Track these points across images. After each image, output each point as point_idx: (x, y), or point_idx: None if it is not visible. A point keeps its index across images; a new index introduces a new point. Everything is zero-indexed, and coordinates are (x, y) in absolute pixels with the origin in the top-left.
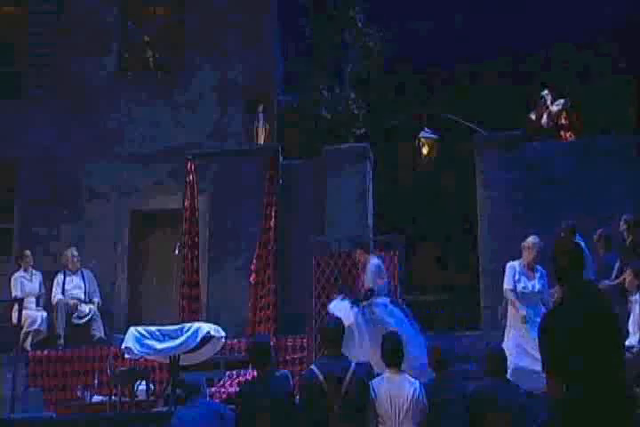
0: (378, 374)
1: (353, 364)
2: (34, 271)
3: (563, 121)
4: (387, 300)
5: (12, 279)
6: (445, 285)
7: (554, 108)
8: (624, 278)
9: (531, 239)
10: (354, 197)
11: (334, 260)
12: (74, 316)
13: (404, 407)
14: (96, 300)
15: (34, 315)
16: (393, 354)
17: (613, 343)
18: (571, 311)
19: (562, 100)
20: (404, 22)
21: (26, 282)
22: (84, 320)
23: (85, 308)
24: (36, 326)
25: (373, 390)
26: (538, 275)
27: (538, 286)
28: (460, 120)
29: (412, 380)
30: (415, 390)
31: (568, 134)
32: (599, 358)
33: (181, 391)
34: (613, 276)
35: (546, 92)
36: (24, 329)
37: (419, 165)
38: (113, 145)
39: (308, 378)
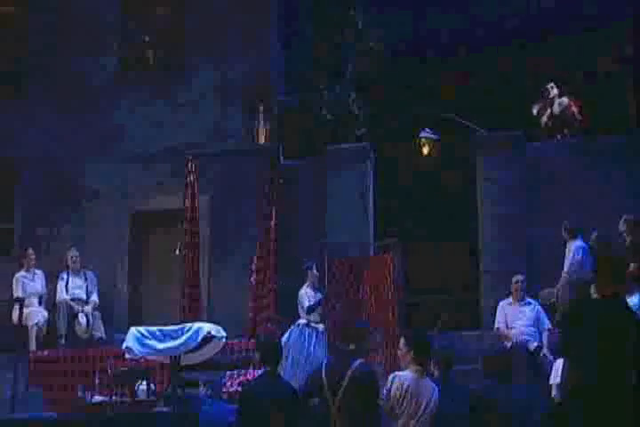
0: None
1: (357, 362)
2: (36, 271)
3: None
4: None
5: (14, 279)
6: (445, 285)
7: (556, 108)
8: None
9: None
10: (354, 197)
11: (335, 261)
12: (75, 311)
13: (421, 408)
14: (94, 300)
15: (36, 314)
16: (424, 352)
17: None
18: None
19: (565, 99)
20: (405, 22)
21: (27, 282)
22: (86, 318)
23: (88, 307)
24: (38, 326)
25: (393, 382)
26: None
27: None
28: (460, 120)
29: (433, 384)
30: (434, 395)
31: (565, 131)
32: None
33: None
34: None
35: (551, 84)
36: (28, 329)
37: (419, 165)
38: (113, 145)
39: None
